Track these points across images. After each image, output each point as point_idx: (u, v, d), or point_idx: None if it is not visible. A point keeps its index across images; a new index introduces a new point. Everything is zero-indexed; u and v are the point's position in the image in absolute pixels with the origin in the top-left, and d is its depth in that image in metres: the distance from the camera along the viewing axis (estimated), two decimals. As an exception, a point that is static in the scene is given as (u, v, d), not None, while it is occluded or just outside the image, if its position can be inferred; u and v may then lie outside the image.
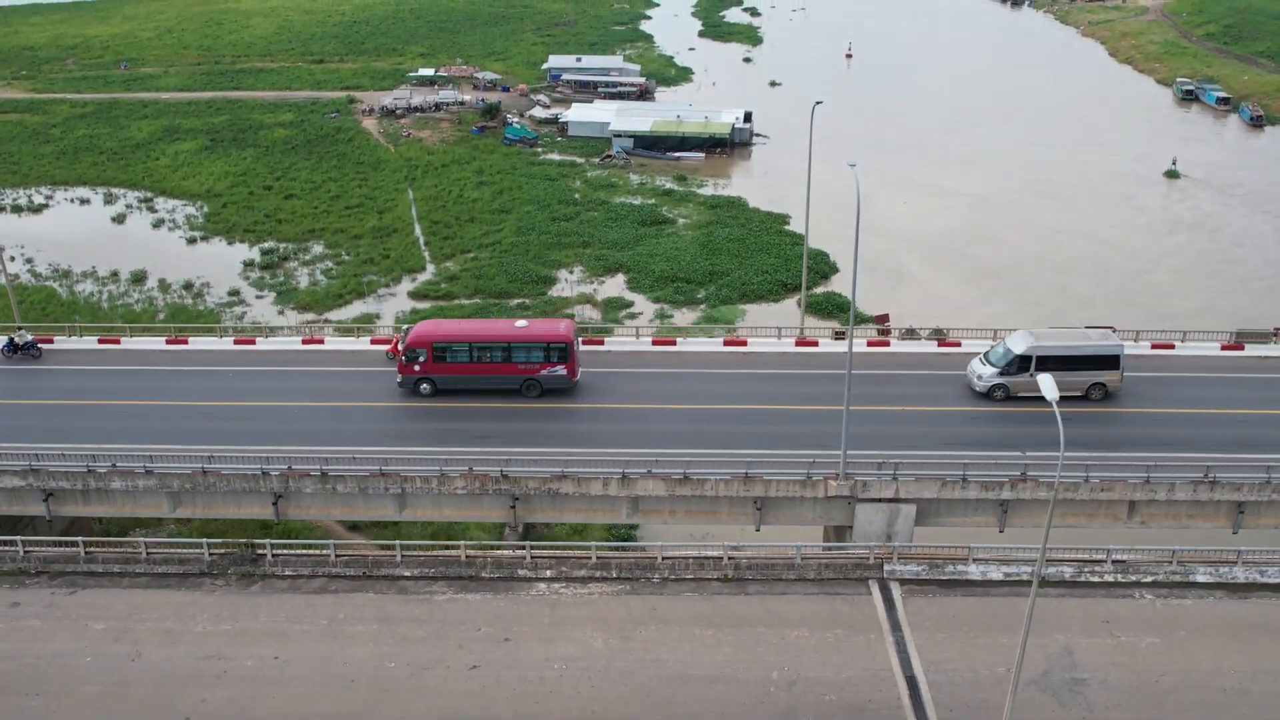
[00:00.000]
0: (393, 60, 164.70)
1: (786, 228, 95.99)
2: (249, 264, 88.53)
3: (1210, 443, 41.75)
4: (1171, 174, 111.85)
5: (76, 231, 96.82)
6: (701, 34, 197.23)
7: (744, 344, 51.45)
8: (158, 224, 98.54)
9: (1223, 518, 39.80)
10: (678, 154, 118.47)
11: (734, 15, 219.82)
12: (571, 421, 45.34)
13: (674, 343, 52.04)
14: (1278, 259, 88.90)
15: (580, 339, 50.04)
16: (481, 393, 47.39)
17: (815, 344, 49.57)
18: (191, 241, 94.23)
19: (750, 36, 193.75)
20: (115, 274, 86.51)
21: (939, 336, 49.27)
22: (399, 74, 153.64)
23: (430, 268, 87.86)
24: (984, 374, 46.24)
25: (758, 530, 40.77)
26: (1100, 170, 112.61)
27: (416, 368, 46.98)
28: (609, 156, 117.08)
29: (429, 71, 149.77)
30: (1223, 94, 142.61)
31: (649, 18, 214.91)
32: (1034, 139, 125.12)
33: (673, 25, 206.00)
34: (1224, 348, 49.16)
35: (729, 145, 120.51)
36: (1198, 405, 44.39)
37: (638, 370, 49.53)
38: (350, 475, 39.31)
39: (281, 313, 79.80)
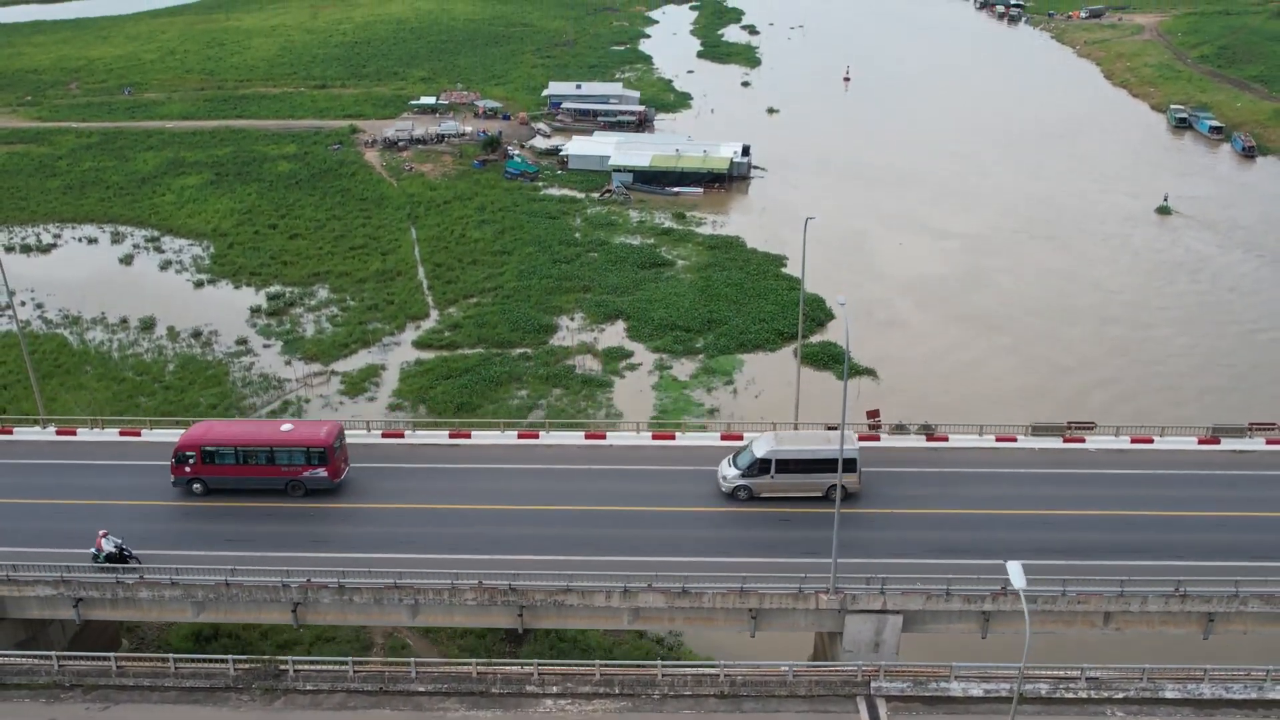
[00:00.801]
0: (394, 85, 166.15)
1: (784, 270, 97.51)
2: (255, 310, 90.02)
3: (1184, 548, 43.48)
4: (1164, 210, 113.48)
5: (85, 273, 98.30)
6: (700, 55, 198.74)
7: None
8: (165, 265, 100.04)
9: (1194, 624, 41.53)
10: (677, 189, 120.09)
11: (732, 33, 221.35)
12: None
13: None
14: (1268, 305, 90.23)
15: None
16: (250, 492, 49.36)
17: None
18: (199, 285, 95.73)
19: (748, 57, 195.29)
20: (124, 321, 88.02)
21: (927, 431, 50.88)
22: (400, 101, 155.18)
23: (434, 313, 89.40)
24: (729, 475, 48.51)
25: (752, 637, 42.48)
26: (1096, 207, 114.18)
27: (187, 469, 49.12)
28: (609, 191, 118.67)
29: (430, 99, 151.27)
30: (1215, 123, 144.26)
31: (648, 36, 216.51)
32: (1031, 172, 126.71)
33: (671, 44, 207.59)
34: (1200, 441, 50.82)
35: (727, 180, 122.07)
36: (1174, 507, 46.05)
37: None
38: (366, 587, 40.98)
39: (289, 363, 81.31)
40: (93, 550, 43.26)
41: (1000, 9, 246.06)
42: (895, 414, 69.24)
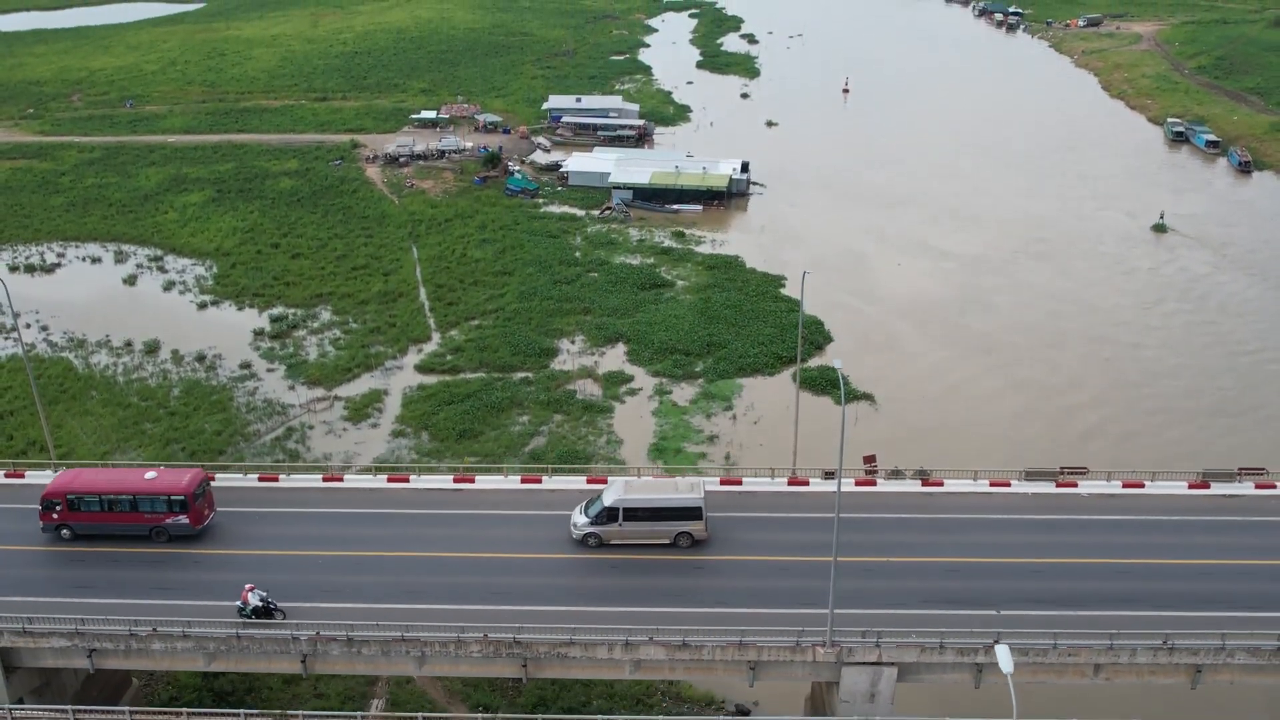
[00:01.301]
0: (395, 98, 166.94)
1: (782, 291, 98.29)
2: (259, 333, 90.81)
3: (1173, 598, 44.40)
4: (1159, 228, 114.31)
5: (89, 294, 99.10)
6: (699, 65, 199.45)
7: (738, 483, 53.98)
8: (168, 286, 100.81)
9: (1182, 674, 42.44)
10: (676, 206, 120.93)
11: (731, 42, 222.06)
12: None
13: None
14: (1264, 328, 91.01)
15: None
16: (118, 538, 50.32)
17: (806, 483, 52.07)
18: (202, 307, 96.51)
19: (747, 68, 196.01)
20: (129, 344, 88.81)
21: (923, 476, 51.75)
22: (401, 114, 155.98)
23: (435, 336, 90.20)
24: (579, 523, 49.75)
25: (751, 686, 43.39)
26: (1093, 226, 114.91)
27: (55, 515, 50.12)
28: (609, 209, 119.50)
29: (431, 113, 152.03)
30: (1212, 137, 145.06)
31: (648, 45, 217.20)
32: (1028, 189, 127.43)
33: (671, 54, 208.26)
34: (1190, 486, 51.67)
35: (726, 197, 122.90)
36: (1164, 554, 46.92)
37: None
38: (375, 640, 41.84)
39: (292, 388, 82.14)
40: (238, 604, 43.91)
41: (999, 17, 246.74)
42: (892, 443, 70.57)
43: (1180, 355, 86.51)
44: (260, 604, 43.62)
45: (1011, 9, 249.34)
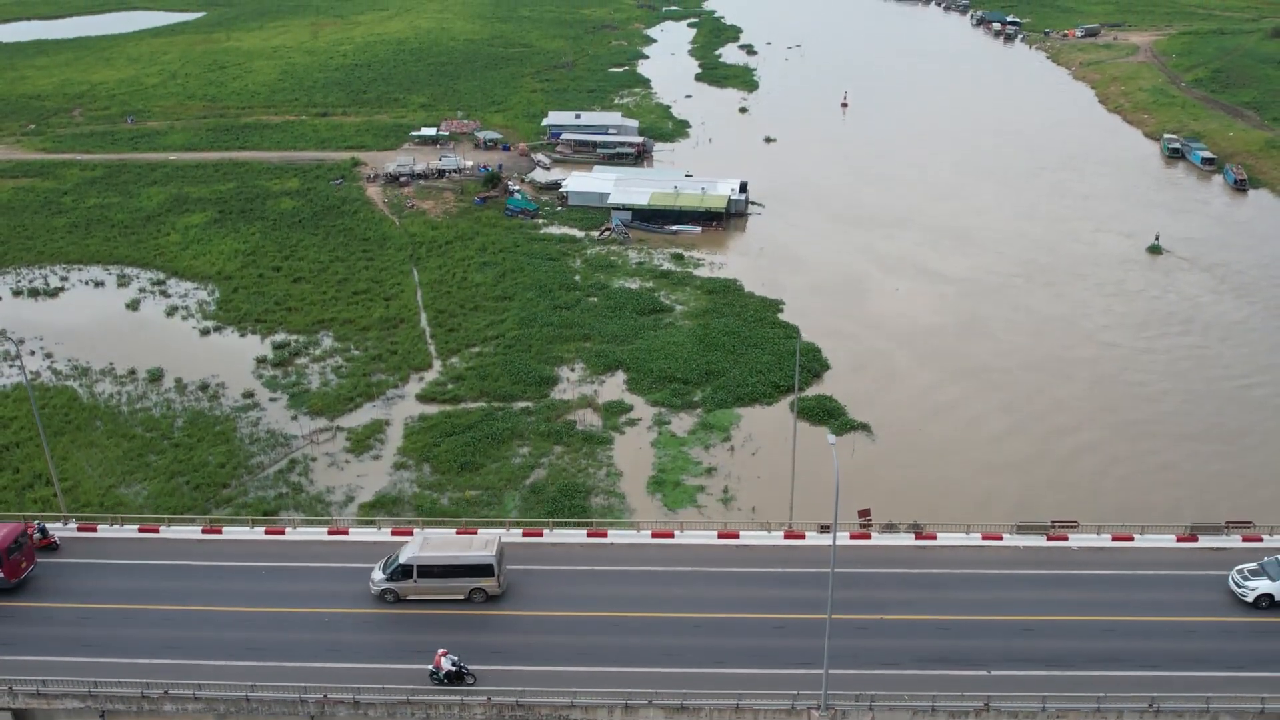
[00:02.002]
0: (395, 113, 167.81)
1: (780, 317, 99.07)
2: (261, 360, 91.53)
3: (1160, 657, 45.27)
4: (1154, 249, 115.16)
5: (92, 319, 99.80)
6: (698, 78, 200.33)
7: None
8: (171, 311, 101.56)
9: (1169, 734, 43.56)
10: (675, 227, 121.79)
11: (730, 53, 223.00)
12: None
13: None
14: (1258, 356, 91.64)
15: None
16: None
17: (802, 536, 52.95)
18: (205, 333, 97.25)
19: (746, 80, 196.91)
20: (133, 372, 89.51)
21: (917, 530, 52.64)
22: (401, 130, 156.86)
23: (437, 364, 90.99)
24: (376, 579, 51.70)
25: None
26: (1091, 249, 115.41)
27: None
28: (608, 230, 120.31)
29: (431, 130, 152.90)
30: (1208, 154, 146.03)
31: (646, 57, 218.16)
32: (1026, 210, 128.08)
33: (670, 65, 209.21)
34: (1179, 539, 52.57)
35: (725, 218, 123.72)
36: (1152, 611, 47.79)
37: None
38: (381, 703, 42.76)
39: (295, 418, 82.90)
40: (431, 668, 44.60)
41: (996, 26, 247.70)
42: (886, 478, 71.63)
43: (1171, 383, 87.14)
44: (453, 668, 44.21)
45: (1010, 18, 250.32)
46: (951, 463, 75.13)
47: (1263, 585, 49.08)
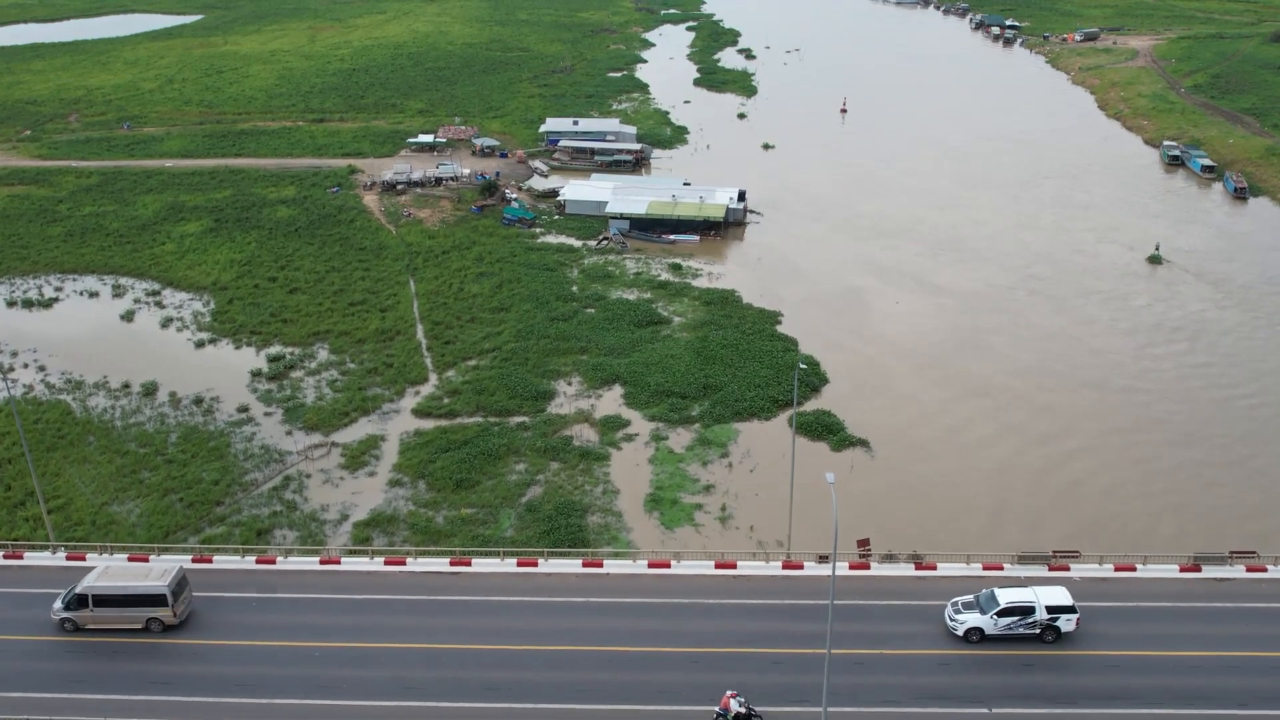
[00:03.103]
0: (393, 119, 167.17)
1: (779, 329, 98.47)
2: (256, 373, 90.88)
3: (1163, 694, 44.67)
4: (1155, 259, 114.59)
5: (86, 330, 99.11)
6: (697, 82, 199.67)
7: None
8: (166, 323, 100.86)
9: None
10: (673, 236, 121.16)
11: (729, 57, 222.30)
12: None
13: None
14: (1264, 375, 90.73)
15: None
16: None
17: (800, 566, 52.34)
18: (200, 345, 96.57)
19: (744, 85, 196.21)
20: (126, 386, 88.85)
21: (916, 560, 52.05)
22: (399, 137, 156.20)
23: (433, 377, 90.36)
24: (56, 608, 53.09)
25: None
26: (1092, 260, 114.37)
27: None
28: (605, 239, 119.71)
29: (428, 137, 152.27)
30: (1208, 161, 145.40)
31: (645, 61, 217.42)
32: (1026, 220, 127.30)
33: (668, 70, 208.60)
34: (1182, 569, 51.93)
35: (723, 227, 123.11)
36: (1155, 645, 47.17)
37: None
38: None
39: (289, 433, 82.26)
40: (717, 709, 44.14)
41: (995, 30, 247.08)
42: (884, 497, 71.00)
43: (1177, 402, 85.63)
44: (741, 710, 43.60)
45: (1009, 22, 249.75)
46: (952, 484, 74.23)
47: (972, 619, 48.74)
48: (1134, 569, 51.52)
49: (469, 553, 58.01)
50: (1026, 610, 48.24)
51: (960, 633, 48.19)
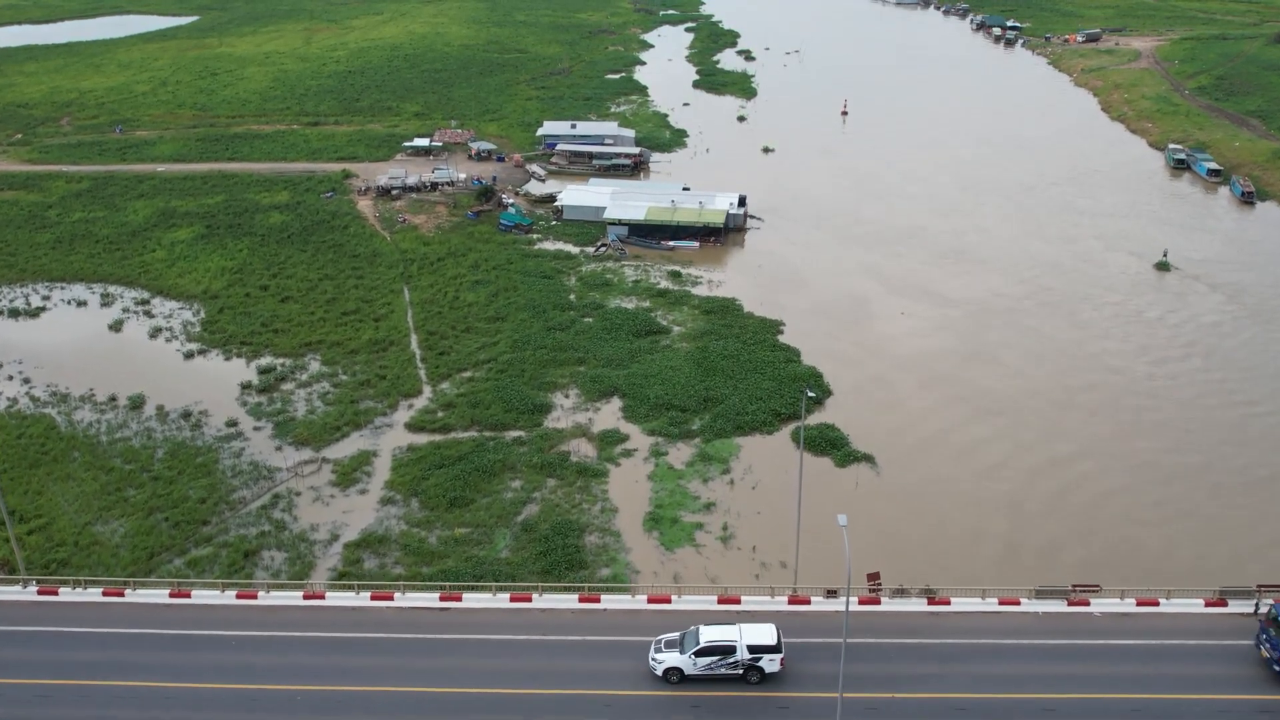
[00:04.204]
0: (388, 122, 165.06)
1: (780, 339, 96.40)
2: (246, 386, 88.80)
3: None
4: (1162, 266, 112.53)
5: (73, 340, 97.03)
6: (696, 85, 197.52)
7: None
8: (154, 333, 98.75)
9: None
10: (672, 243, 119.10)
11: (728, 59, 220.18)
12: None
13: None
14: (1273, 382, 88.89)
15: None
16: None
17: (807, 601, 50.27)
18: (189, 356, 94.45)
19: (744, 87, 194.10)
20: (113, 399, 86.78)
21: (929, 595, 50.00)
22: (394, 140, 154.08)
23: (427, 389, 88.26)
24: None
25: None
26: (1100, 269, 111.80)
27: None
28: (604, 245, 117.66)
29: (424, 141, 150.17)
30: (1214, 165, 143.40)
31: (644, 62, 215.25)
32: (1032, 227, 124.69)
33: (667, 72, 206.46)
34: (1207, 604, 49.76)
35: (723, 232, 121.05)
36: (1179, 688, 44.79)
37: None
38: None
39: (279, 449, 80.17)
40: None
41: (996, 31, 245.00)
42: (892, 519, 68.90)
43: (1194, 421, 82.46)
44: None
45: (1010, 23, 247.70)
46: (962, 506, 71.61)
47: (671, 658, 47.13)
48: (1157, 603, 49.41)
49: (459, 588, 55.74)
50: (727, 650, 46.75)
51: (659, 673, 46.68)
